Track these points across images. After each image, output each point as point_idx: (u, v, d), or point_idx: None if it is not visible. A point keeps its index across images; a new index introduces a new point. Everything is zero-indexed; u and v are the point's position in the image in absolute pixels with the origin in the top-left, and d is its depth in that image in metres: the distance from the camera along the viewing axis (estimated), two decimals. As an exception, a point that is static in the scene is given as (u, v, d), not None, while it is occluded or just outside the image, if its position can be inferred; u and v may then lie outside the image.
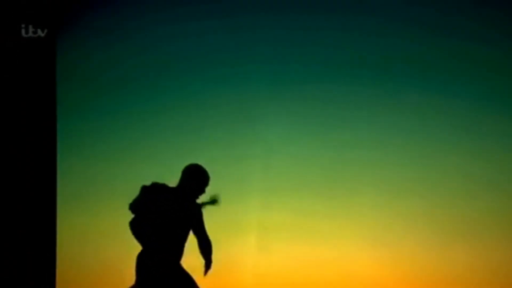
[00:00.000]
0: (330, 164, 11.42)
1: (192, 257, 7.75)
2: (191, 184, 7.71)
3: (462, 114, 11.48)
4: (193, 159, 7.96)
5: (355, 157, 11.37)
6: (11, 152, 9.33)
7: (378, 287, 10.95)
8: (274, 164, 11.16)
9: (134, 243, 7.69)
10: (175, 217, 7.61)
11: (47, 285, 9.17)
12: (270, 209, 10.89)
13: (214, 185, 7.88)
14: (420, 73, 11.49)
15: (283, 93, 11.37)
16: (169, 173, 8.01)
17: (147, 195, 7.57)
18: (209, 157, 10.70)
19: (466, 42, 11.35)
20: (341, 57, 11.44)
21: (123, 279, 9.00)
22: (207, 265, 7.73)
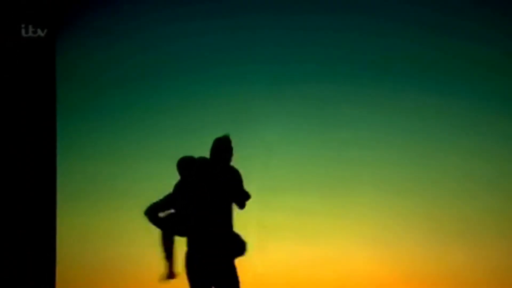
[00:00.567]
0: (330, 163, 11.43)
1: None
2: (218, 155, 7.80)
3: (461, 114, 11.50)
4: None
5: (355, 156, 11.38)
6: (11, 152, 9.32)
7: (378, 286, 10.96)
8: (273, 163, 11.15)
9: (134, 243, 7.69)
10: (212, 187, 7.60)
11: (47, 285, 9.17)
12: (270, 208, 10.89)
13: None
14: (419, 73, 11.51)
15: (283, 93, 11.38)
16: (168, 173, 8.01)
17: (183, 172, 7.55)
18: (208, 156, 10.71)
19: (466, 42, 11.36)
20: (340, 57, 11.46)
21: (123, 279, 9.04)
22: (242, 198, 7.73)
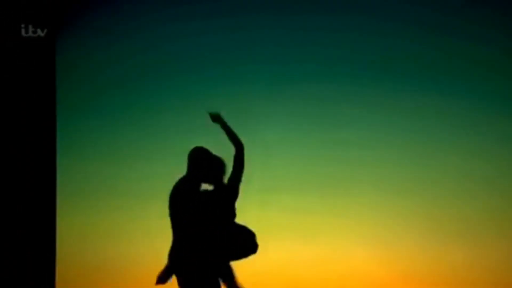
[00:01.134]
0: (329, 163, 11.44)
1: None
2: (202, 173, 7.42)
3: (461, 114, 11.51)
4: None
5: (354, 156, 11.40)
6: (11, 152, 9.33)
7: (377, 285, 10.97)
8: (273, 163, 11.17)
9: (134, 243, 7.72)
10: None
11: (47, 284, 9.18)
12: (269, 208, 10.91)
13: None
14: (419, 73, 11.52)
15: (282, 92, 11.39)
16: (168, 172, 8.03)
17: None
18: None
19: (466, 42, 11.37)
20: (340, 57, 11.46)
21: (123, 278, 9.05)
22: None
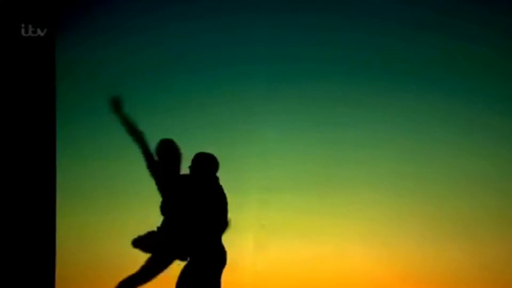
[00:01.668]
0: (328, 162, 11.46)
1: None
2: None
3: (461, 114, 11.53)
4: (191, 157, 7.99)
5: (353, 155, 11.41)
6: (11, 151, 9.32)
7: (375, 284, 10.99)
8: (271, 162, 11.18)
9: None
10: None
11: (47, 284, 9.18)
12: (268, 207, 10.92)
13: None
14: (419, 73, 11.53)
15: (281, 92, 11.40)
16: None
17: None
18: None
19: (466, 42, 11.38)
20: (340, 57, 11.48)
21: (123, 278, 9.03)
22: None
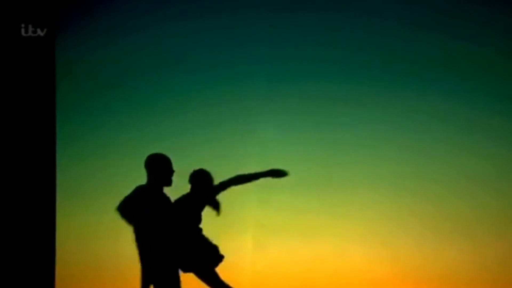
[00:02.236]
0: (327, 162, 11.46)
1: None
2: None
3: (460, 114, 11.53)
4: (191, 157, 8.02)
5: (352, 155, 11.41)
6: (11, 151, 9.32)
7: (375, 284, 11.00)
8: (270, 162, 11.15)
9: (134, 243, 7.71)
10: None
11: (47, 284, 9.18)
12: (267, 206, 10.92)
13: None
14: (418, 73, 11.53)
15: (281, 92, 11.40)
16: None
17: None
18: (206, 155, 10.78)
19: (465, 42, 11.39)
20: (340, 57, 11.48)
21: (123, 278, 9.06)
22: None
